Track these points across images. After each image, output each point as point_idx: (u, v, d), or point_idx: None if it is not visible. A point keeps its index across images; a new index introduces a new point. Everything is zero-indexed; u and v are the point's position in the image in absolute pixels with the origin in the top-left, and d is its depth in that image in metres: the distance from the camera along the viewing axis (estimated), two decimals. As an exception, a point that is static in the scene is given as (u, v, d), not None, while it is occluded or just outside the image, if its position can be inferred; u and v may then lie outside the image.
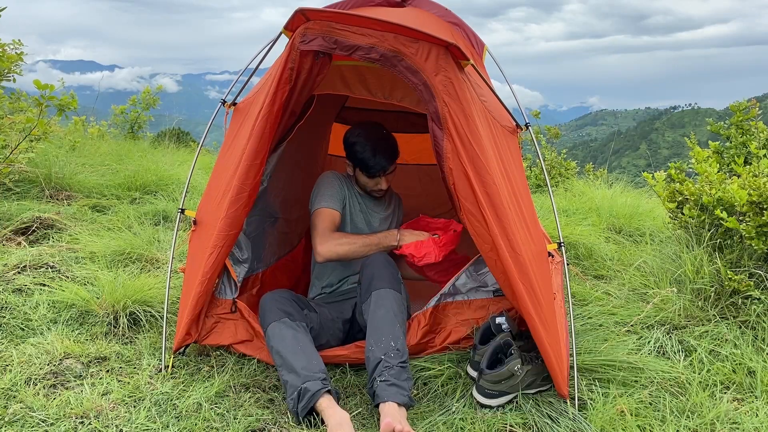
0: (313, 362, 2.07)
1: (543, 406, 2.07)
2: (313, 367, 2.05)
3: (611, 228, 4.23)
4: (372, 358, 2.07)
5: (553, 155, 6.74)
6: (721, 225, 2.84)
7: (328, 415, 1.91)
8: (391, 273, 2.30)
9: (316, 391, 1.95)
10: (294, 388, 1.99)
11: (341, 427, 1.85)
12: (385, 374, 1.99)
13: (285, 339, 2.14)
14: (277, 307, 2.25)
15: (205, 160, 6.21)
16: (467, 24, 3.02)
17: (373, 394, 1.99)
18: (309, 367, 2.04)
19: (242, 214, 2.26)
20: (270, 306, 2.26)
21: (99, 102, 8.16)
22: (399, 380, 1.99)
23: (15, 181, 4.08)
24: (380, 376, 2.00)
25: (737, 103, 4.73)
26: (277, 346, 2.14)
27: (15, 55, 3.99)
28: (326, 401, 1.95)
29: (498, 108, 2.45)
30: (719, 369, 2.32)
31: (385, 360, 2.03)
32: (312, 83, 2.23)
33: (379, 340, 2.09)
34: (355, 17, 2.02)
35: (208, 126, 2.65)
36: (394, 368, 2.01)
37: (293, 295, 2.37)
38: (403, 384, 1.99)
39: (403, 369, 2.04)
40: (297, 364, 2.05)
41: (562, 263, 2.36)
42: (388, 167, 2.64)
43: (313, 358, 2.10)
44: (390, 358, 2.03)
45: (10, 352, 2.28)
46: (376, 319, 2.16)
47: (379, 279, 2.26)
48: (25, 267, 2.98)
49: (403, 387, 1.98)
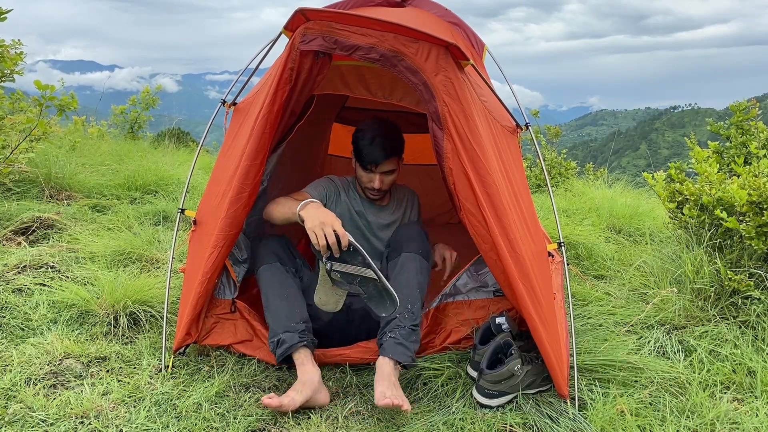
0: (295, 311, 2.22)
1: (543, 406, 2.07)
2: (294, 317, 2.20)
3: (611, 228, 4.23)
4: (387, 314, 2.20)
5: (553, 155, 6.74)
6: (721, 225, 2.84)
7: (300, 371, 2.10)
8: (422, 240, 2.39)
9: (291, 344, 2.13)
10: (274, 333, 2.19)
11: (304, 385, 2.03)
12: (396, 332, 2.15)
13: (273, 283, 2.29)
14: (270, 250, 2.36)
15: (205, 160, 6.21)
16: (467, 24, 3.03)
17: (380, 346, 2.15)
18: (290, 316, 2.20)
19: (242, 214, 2.26)
20: (263, 249, 2.37)
21: (99, 102, 8.17)
22: (407, 341, 2.14)
23: (15, 181, 4.08)
24: (391, 332, 2.15)
25: (737, 103, 4.74)
26: (264, 288, 2.30)
27: (15, 55, 3.99)
28: (301, 356, 2.13)
29: (498, 108, 2.45)
30: (719, 369, 2.32)
31: (399, 319, 2.17)
32: (312, 83, 2.23)
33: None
34: (355, 17, 2.02)
35: (208, 126, 2.66)
36: (405, 329, 2.15)
37: (288, 242, 2.45)
38: (410, 345, 2.14)
39: (413, 331, 2.17)
40: (280, 311, 2.22)
41: (562, 263, 2.36)
42: (381, 161, 2.48)
43: (296, 306, 2.24)
44: (404, 319, 2.17)
45: (10, 352, 2.28)
46: (398, 280, 2.26)
47: (409, 243, 2.35)
48: (25, 267, 2.98)
49: (408, 348, 2.13)
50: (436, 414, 2.05)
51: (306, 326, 2.22)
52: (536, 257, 2.17)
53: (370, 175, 2.53)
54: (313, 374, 2.09)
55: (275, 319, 2.22)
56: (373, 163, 2.48)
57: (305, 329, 2.21)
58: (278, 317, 2.21)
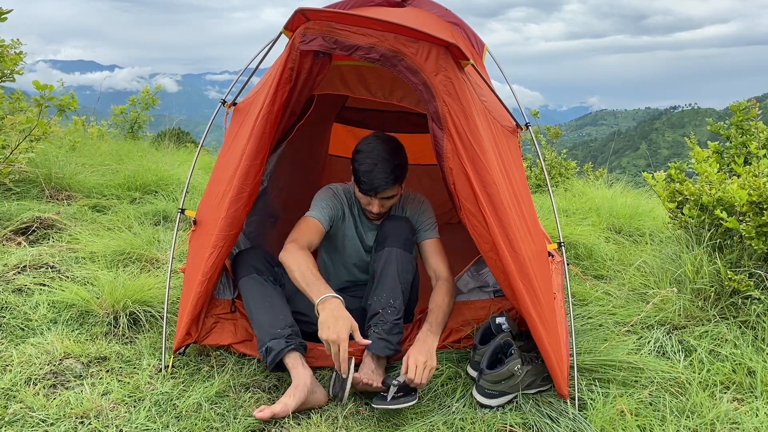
0: (278, 318, 2.22)
1: (543, 406, 2.07)
2: (278, 323, 2.21)
3: (611, 228, 4.23)
4: (371, 308, 2.29)
5: (553, 155, 6.74)
6: (721, 225, 2.84)
7: (293, 375, 2.11)
8: (406, 235, 2.40)
9: (279, 350, 2.13)
10: (261, 343, 2.19)
11: (296, 389, 2.04)
12: (378, 327, 2.22)
13: (253, 294, 2.29)
14: (247, 262, 2.37)
15: (205, 160, 6.21)
16: (467, 24, 3.02)
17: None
18: (274, 323, 2.20)
19: (242, 214, 2.26)
20: (239, 263, 2.39)
21: (99, 102, 8.17)
22: (390, 335, 2.21)
23: (15, 181, 4.08)
24: (375, 326, 2.23)
25: (737, 103, 4.74)
26: (246, 300, 2.31)
27: (15, 55, 3.99)
28: (291, 360, 2.14)
29: (498, 108, 2.44)
30: (719, 369, 2.32)
31: (382, 314, 2.23)
32: (312, 83, 2.23)
33: (380, 295, 2.27)
34: (355, 17, 2.02)
35: (208, 126, 2.65)
36: (387, 323, 2.22)
37: (265, 253, 2.46)
38: (392, 338, 2.22)
39: (396, 325, 2.24)
40: (263, 320, 2.22)
41: (562, 263, 2.36)
42: (381, 190, 2.34)
43: (279, 313, 2.24)
44: (387, 314, 2.23)
45: (10, 352, 2.28)
46: (382, 275, 2.31)
47: (393, 238, 2.36)
48: (25, 267, 2.98)
49: (390, 341, 2.21)
50: (436, 414, 2.05)
51: (292, 330, 2.21)
52: (536, 257, 2.17)
53: (369, 199, 2.42)
54: (305, 377, 2.09)
55: (260, 329, 2.21)
56: (372, 191, 2.36)
57: (291, 333, 2.20)
58: (262, 326, 2.20)
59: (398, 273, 2.30)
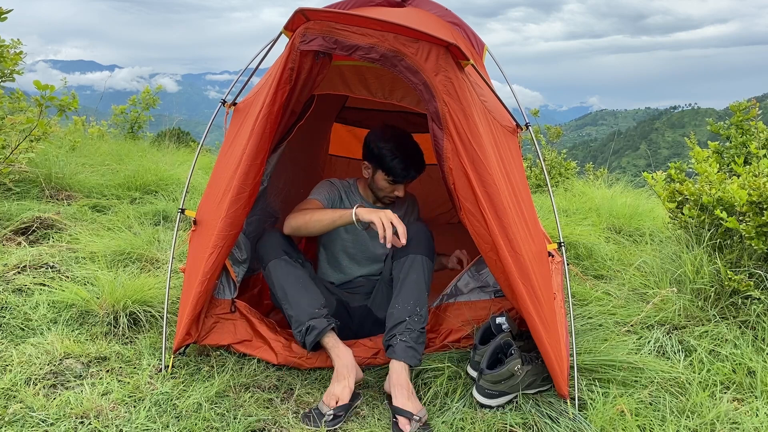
0: (315, 298, 2.29)
1: (543, 406, 2.07)
2: (316, 303, 2.27)
3: (611, 228, 4.23)
4: (396, 315, 2.23)
5: (553, 155, 6.74)
6: (721, 225, 2.84)
7: (335, 355, 2.19)
8: (429, 242, 2.40)
9: (322, 329, 2.19)
10: (300, 323, 2.23)
11: (347, 369, 2.14)
12: (406, 335, 2.18)
13: (287, 276, 2.32)
14: (275, 244, 2.40)
15: (205, 160, 6.21)
16: (467, 24, 3.02)
17: (388, 346, 2.19)
18: (312, 303, 2.26)
19: (242, 214, 2.26)
20: (270, 244, 2.40)
21: (99, 102, 8.17)
22: (417, 343, 2.18)
23: (15, 181, 4.08)
24: (401, 335, 2.18)
25: (737, 103, 4.74)
26: (279, 281, 2.32)
27: (15, 54, 3.99)
28: (332, 339, 2.22)
29: (498, 108, 2.44)
30: (719, 369, 2.32)
31: (409, 322, 2.20)
32: (312, 83, 2.23)
33: (406, 302, 2.24)
34: (355, 17, 2.02)
35: (208, 126, 2.65)
36: (414, 332, 2.19)
37: (288, 237, 2.48)
38: (419, 348, 2.19)
39: (422, 334, 2.22)
40: (302, 300, 2.27)
41: (562, 263, 2.36)
42: (415, 177, 2.62)
43: (315, 294, 2.30)
44: (414, 322, 2.20)
45: (10, 352, 2.28)
46: (407, 282, 2.29)
47: (417, 244, 2.35)
48: (25, 267, 2.98)
49: (417, 350, 2.18)
50: (436, 414, 2.05)
51: (328, 311, 2.29)
52: (536, 257, 2.17)
53: (396, 186, 2.61)
54: (350, 354, 2.21)
55: (298, 309, 2.25)
56: (409, 178, 2.59)
57: (328, 313, 2.28)
58: (301, 306, 2.25)
59: (425, 281, 2.30)
